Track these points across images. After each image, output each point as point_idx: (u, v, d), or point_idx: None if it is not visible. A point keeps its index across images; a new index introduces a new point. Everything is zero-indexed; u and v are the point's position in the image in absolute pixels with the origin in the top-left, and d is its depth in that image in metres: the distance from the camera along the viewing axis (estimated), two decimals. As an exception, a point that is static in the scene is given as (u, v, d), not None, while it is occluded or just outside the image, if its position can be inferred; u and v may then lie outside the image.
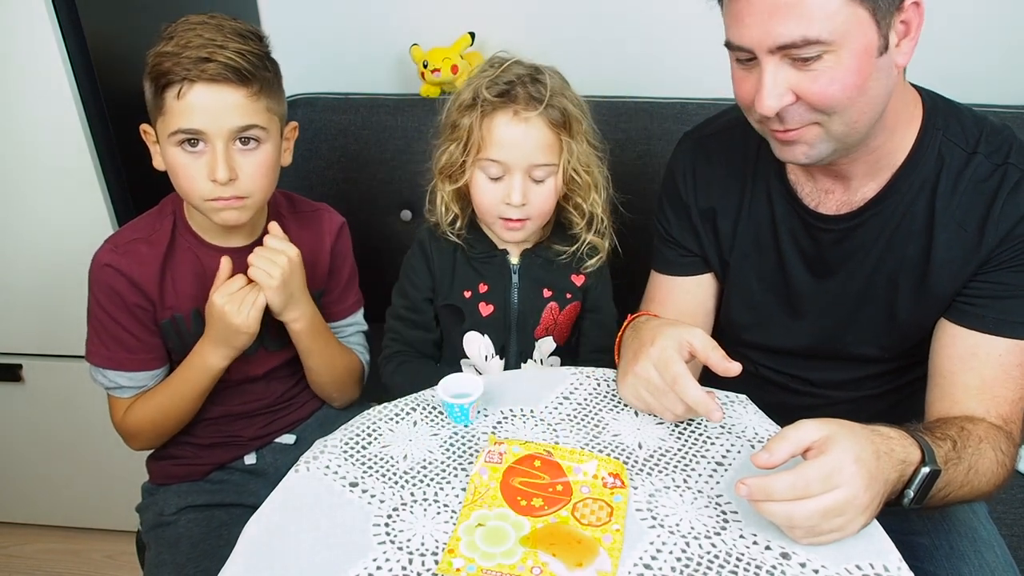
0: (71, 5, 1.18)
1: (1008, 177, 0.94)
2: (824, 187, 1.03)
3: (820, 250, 1.05)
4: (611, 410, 0.99)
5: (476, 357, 1.23)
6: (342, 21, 1.72)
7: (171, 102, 0.99)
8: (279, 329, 1.17)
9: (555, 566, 0.76)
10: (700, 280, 1.18)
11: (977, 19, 1.52)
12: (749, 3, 0.86)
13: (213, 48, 0.98)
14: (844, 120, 0.90)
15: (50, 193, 1.31)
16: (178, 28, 1.00)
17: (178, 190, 1.06)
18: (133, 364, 1.12)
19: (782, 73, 0.88)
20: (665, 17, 1.61)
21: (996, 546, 1.03)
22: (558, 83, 1.12)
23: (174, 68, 0.97)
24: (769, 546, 0.79)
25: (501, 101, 1.09)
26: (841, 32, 0.84)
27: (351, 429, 0.95)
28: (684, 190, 1.14)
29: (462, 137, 1.12)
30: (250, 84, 1.01)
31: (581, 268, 1.22)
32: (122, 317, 1.10)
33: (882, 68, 0.88)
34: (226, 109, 1.00)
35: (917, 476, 0.83)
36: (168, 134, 1.00)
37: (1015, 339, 0.96)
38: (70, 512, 1.73)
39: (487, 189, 1.13)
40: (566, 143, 1.12)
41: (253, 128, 1.03)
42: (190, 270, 1.12)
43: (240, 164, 1.03)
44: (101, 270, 1.08)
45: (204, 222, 1.11)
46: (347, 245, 1.26)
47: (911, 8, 0.87)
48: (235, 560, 0.78)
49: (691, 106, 1.55)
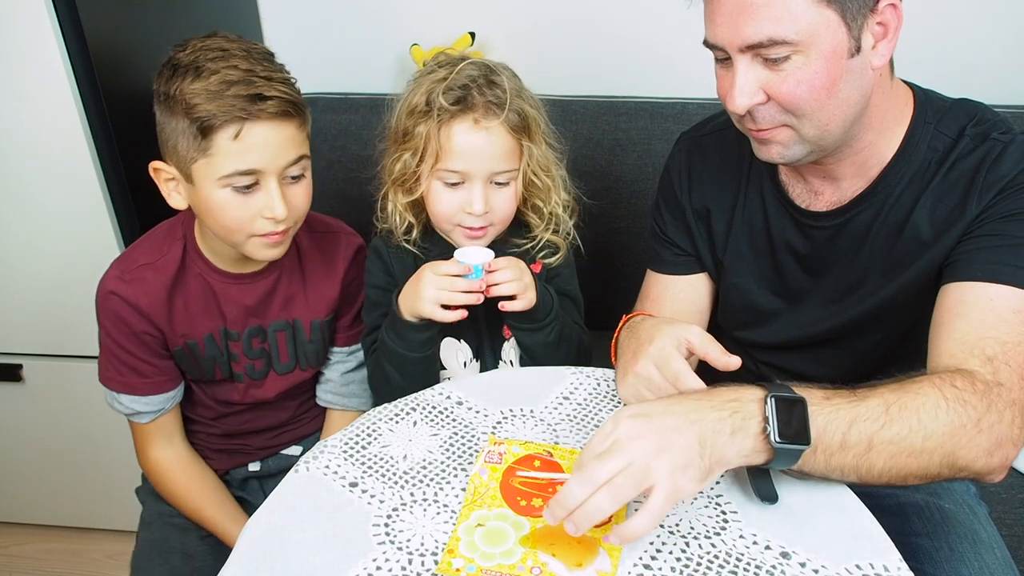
0: (71, 5, 1.18)
1: (991, 150, 0.93)
2: (814, 188, 1.04)
3: (813, 248, 1.06)
4: (611, 410, 0.99)
5: (454, 365, 1.18)
6: (342, 21, 1.72)
7: (224, 144, 0.93)
8: (291, 351, 1.17)
9: (555, 566, 0.76)
10: (694, 279, 1.18)
11: (977, 17, 1.52)
12: (720, 3, 0.87)
13: (259, 81, 0.93)
14: (814, 123, 0.90)
15: (50, 193, 1.31)
16: (201, 58, 0.93)
17: (216, 228, 1.01)
18: (146, 388, 1.11)
19: (753, 72, 0.89)
20: (665, 17, 1.61)
21: (996, 547, 1.03)
22: (515, 84, 1.08)
23: (226, 108, 0.91)
24: (769, 546, 0.79)
25: (459, 109, 1.04)
26: (808, 33, 0.84)
27: (351, 429, 0.95)
28: (679, 190, 1.15)
29: (418, 146, 1.07)
30: (302, 115, 0.99)
31: (541, 259, 1.17)
32: (131, 344, 1.08)
33: (854, 70, 0.88)
34: (283, 145, 0.97)
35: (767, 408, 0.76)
36: (218, 177, 0.95)
37: (1009, 285, 0.88)
38: (70, 512, 1.73)
39: (445, 198, 1.08)
40: (526, 147, 1.09)
41: (303, 159, 1.01)
42: (200, 296, 1.10)
43: (290, 197, 1.00)
44: (107, 298, 1.06)
45: (222, 251, 1.08)
46: (361, 268, 1.20)
47: (887, 10, 0.86)
48: (235, 560, 0.78)
49: (691, 106, 1.56)
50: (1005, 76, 1.59)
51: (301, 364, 1.19)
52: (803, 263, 1.07)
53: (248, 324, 1.13)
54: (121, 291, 1.05)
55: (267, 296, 1.13)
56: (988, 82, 1.57)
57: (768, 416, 0.75)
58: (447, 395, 1.00)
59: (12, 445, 1.62)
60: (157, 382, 1.11)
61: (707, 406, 0.76)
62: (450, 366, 1.19)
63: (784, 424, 0.75)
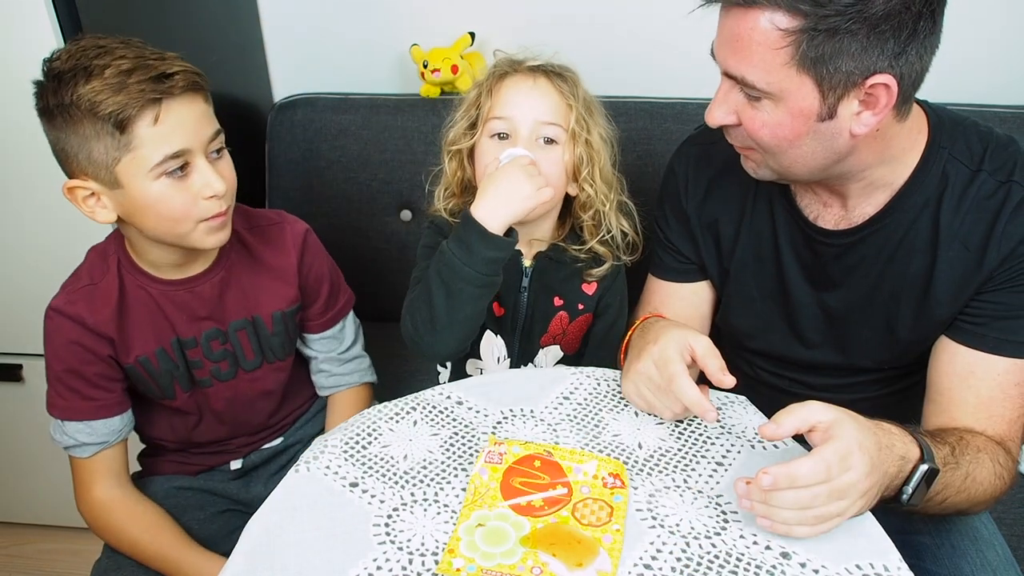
0: (71, 5, 1.18)
1: (1012, 195, 0.93)
2: (823, 199, 1.03)
3: (820, 263, 1.05)
4: (611, 410, 0.99)
5: (489, 358, 1.21)
6: (342, 21, 1.72)
7: (145, 132, 0.90)
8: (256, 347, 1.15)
9: (555, 566, 0.76)
10: (696, 287, 1.18)
11: (976, 18, 1.52)
12: (721, 24, 0.89)
13: (154, 62, 0.91)
14: (776, 160, 0.93)
15: (50, 193, 1.31)
16: (84, 60, 0.90)
17: (158, 225, 0.97)
18: (90, 412, 1.07)
19: (732, 96, 0.91)
20: (665, 17, 1.60)
21: (997, 544, 1.03)
22: (575, 77, 1.13)
23: (135, 95, 0.88)
24: (769, 546, 0.79)
25: (513, 65, 1.11)
26: (778, 89, 0.86)
27: (351, 429, 0.95)
28: (685, 199, 1.14)
29: (471, 107, 1.13)
30: (206, 88, 0.97)
31: (590, 274, 1.18)
32: (77, 364, 1.04)
33: (823, 132, 0.88)
34: (200, 120, 0.95)
35: (915, 474, 0.84)
36: (148, 169, 0.92)
37: (1014, 358, 0.96)
38: (70, 512, 1.72)
39: (493, 148, 1.09)
40: (575, 109, 1.10)
41: (219, 134, 0.99)
42: (146, 310, 1.07)
43: (221, 172, 0.98)
44: (53, 319, 1.03)
45: (160, 259, 1.05)
46: (317, 252, 1.18)
47: (878, 88, 0.84)
48: (235, 560, 0.78)
49: (691, 106, 1.55)
50: (1005, 76, 1.59)
51: (268, 358, 1.17)
52: (808, 275, 1.07)
53: (203, 328, 1.10)
54: (68, 311, 1.03)
55: (218, 297, 1.10)
56: (988, 81, 1.58)
57: (912, 480, 0.84)
58: (447, 395, 1.00)
59: (12, 445, 1.62)
60: (103, 405, 1.07)
61: (889, 459, 0.82)
62: (486, 358, 1.21)
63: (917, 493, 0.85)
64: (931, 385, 1.01)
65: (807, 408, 0.78)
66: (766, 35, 0.83)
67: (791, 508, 0.76)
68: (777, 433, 0.78)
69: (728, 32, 0.87)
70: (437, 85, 1.61)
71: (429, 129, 1.61)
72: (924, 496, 0.85)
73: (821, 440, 0.77)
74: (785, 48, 0.83)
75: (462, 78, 1.58)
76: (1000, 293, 0.96)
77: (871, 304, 1.03)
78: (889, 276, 1.01)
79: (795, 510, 0.76)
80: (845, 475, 0.75)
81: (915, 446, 0.85)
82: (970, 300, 0.97)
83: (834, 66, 0.82)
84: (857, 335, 1.06)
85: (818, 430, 0.77)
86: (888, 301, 1.02)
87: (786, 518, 0.77)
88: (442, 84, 1.60)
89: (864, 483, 0.76)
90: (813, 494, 0.75)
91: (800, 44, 0.82)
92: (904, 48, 0.82)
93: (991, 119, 1.45)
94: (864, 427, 0.79)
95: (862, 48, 0.82)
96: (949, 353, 1.00)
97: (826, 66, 0.83)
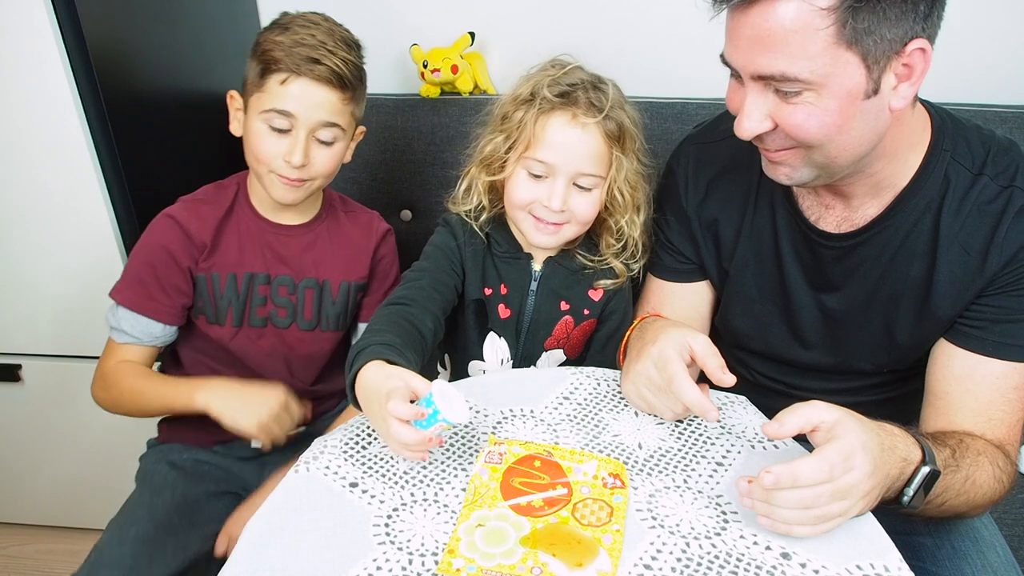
0: (71, 5, 1.18)
1: (1013, 200, 0.93)
2: (825, 201, 1.03)
3: (821, 265, 1.05)
4: (611, 410, 0.99)
5: (492, 360, 1.21)
6: (342, 21, 1.71)
7: (273, 85, 1.10)
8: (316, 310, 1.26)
9: (555, 566, 0.76)
10: (696, 288, 1.18)
11: (977, 18, 1.52)
12: (737, 26, 0.85)
13: (324, 52, 1.10)
14: (823, 153, 0.89)
15: (50, 193, 1.31)
16: (295, 22, 1.13)
17: (249, 155, 1.17)
18: (144, 307, 1.18)
19: (763, 100, 0.87)
20: (665, 17, 1.60)
21: (998, 545, 1.03)
22: (618, 96, 1.10)
23: (285, 59, 1.09)
24: (769, 546, 0.79)
25: (561, 102, 1.06)
26: (823, 74, 0.82)
27: (351, 429, 0.95)
28: (686, 200, 1.13)
29: (512, 131, 1.10)
30: (345, 90, 1.13)
31: (598, 282, 1.18)
32: (159, 264, 1.18)
33: (869, 111, 0.85)
34: (319, 104, 1.11)
35: (917, 475, 0.84)
36: (261, 110, 1.11)
37: (1013, 362, 0.96)
38: (70, 512, 1.73)
39: (526, 187, 1.09)
40: (617, 158, 1.09)
41: (335, 127, 1.14)
42: (240, 237, 1.22)
43: (314, 154, 1.14)
44: (161, 220, 1.19)
45: (264, 198, 1.22)
46: (391, 249, 1.33)
47: (916, 53, 0.82)
48: (235, 560, 0.78)
49: (691, 106, 1.55)
50: (1005, 75, 1.59)
51: (323, 325, 1.27)
52: (809, 277, 1.07)
53: (280, 272, 1.24)
54: (177, 215, 1.18)
55: (302, 251, 1.25)
56: (989, 81, 1.58)
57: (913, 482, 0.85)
58: (447, 395, 1.00)
59: (12, 445, 1.62)
60: (157, 307, 1.19)
61: (891, 460, 0.82)
62: (488, 359, 1.21)
63: (919, 495, 0.85)
64: (930, 388, 1.01)
65: (811, 407, 0.78)
66: (803, 20, 0.80)
67: (793, 507, 0.76)
68: (780, 432, 0.78)
69: (751, 31, 0.83)
70: (437, 85, 1.61)
71: (429, 129, 1.61)
72: (926, 499, 0.85)
73: (824, 440, 0.77)
74: (829, 27, 0.79)
75: (462, 78, 1.58)
76: (1000, 297, 0.96)
77: (870, 307, 1.03)
78: (889, 279, 1.01)
79: (797, 509, 0.76)
80: (848, 475, 0.75)
81: (917, 448, 0.85)
82: (970, 304, 0.97)
83: (880, 35, 0.80)
84: (855, 337, 1.06)
85: (821, 430, 0.77)
86: (887, 304, 1.02)
87: (787, 517, 0.76)
88: (442, 84, 1.60)
89: (866, 484, 0.76)
90: (815, 494, 0.75)
91: (846, 19, 0.79)
92: (931, 8, 0.82)
93: (992, 119, 1.45)
94: (867, 428, 0.79)
95: (901, 12, 0.80)
96: (948, 356, 1.00)
97: (872, 36, 0.80)
